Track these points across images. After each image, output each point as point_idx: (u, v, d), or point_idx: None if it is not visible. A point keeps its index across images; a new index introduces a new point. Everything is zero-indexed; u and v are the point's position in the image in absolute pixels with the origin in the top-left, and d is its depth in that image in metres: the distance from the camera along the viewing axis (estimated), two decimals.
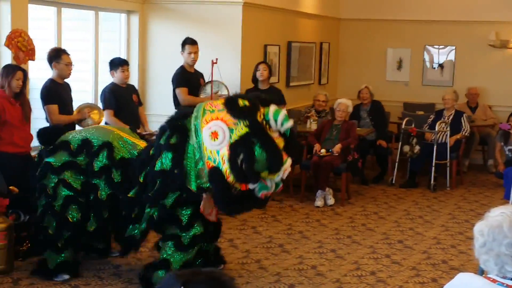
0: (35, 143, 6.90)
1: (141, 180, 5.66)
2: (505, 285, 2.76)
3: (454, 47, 12.32)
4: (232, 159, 5.18)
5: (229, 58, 8.80)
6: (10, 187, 6.52)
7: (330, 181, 9.31)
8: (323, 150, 8.96)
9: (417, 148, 10.10)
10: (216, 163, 5.27)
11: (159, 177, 5.51)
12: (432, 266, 6.75)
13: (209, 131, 5.27)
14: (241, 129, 5.20)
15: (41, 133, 6.22)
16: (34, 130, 7.00)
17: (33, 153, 6.97)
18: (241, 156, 5.16)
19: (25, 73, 6.67)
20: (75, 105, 7.42)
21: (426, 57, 12.51)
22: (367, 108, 10.62)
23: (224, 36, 8.90)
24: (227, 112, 5.29)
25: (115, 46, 8.94)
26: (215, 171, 5.28)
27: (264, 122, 5.29)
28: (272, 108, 5.33)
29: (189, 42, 8.29)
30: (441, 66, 12.41)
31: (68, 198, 5.87)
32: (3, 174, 6.63)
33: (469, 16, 12.01)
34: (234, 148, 5.19)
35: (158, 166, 5.51)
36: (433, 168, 10.02)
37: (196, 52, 8.29)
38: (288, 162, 5.32)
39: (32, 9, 7.31)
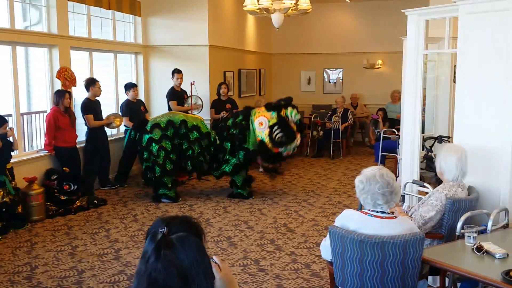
0: (80, 139, 6.77)
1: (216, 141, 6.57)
2: (373, 215, 2.79)
3: (342, 69, 12.42)
4: (270, 134, 6.39)
5: (202, 80, 8.72)
6: (64, 168, 6.42)
7: None
8: None
9: (321, 132, 10.18)
10: (261, 137, 6.43)
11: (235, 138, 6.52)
12: (333, 206, 6.48)
13: (258, 122, 6.43)
14: (273, 119, 6.38)
15: (140, 123, 6.62)
16: (78, 132, 6.87)
17: (79, 146, 6.86)
18: (274, 132, 6.33)
19: (70, 95, 6.60)
20: (104, 114, 7.28)
21: (325, 76, 12.61)
22: None
23: (198, 66, 8.79)
24: (266, 111, 6.46)
25: (128, 75, 8.77)
26: (261, 142, 6.44)
27: (287, 116, 6.42)
28: (289, 108, 6.45)
29: (176, 71, 8.20)
30: (334, 82, 12.54)
31: (166, 156, 6.40)
32: (59, 160, 6.51)
33: (351, 49, 12.11)
34: (271, 128, 6.39)
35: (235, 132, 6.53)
36: (332, 145, 10.11)
37: (181, 78, 8.19)
38: (298, 136, 6.47)
39: (73, 53, 7.13)
